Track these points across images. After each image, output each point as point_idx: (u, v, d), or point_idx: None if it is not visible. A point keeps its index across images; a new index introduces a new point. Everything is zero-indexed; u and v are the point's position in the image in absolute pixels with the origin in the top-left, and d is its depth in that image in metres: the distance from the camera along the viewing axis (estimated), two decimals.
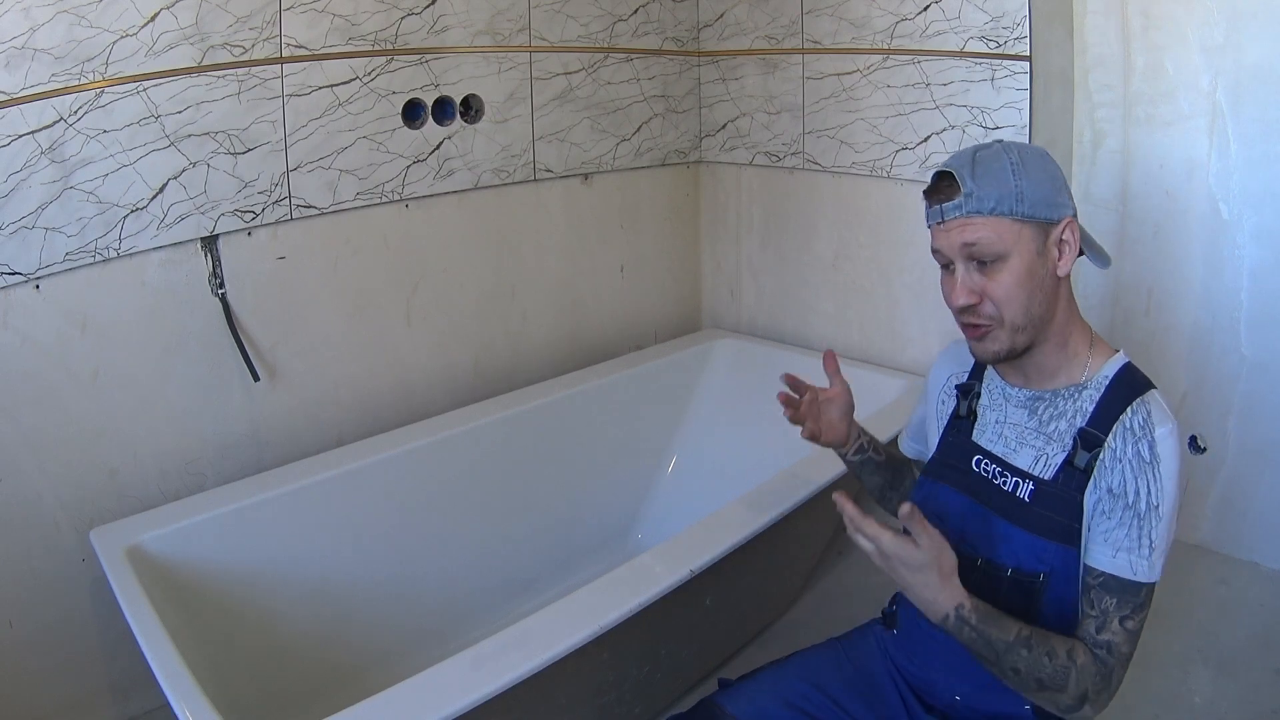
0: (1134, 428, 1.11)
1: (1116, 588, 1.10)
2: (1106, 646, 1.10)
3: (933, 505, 1.26)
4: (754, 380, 2.58)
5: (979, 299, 1.11)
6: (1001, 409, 1.24)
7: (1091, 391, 1.15)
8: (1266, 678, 1.88)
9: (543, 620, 1.37)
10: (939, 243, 1.14)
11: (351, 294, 2.10)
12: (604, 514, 2.42)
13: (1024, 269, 1.10)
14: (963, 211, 1.10)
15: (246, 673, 1.65)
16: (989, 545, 1.19)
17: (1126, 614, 1.10)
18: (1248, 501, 2.27)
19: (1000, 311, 1.11)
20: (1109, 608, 1.10)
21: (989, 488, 1.21)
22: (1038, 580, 1.14)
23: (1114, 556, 1.10)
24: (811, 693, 1.31)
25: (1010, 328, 1.12)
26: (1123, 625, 1.10)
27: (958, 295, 1.12)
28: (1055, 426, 1.17)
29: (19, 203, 1.60)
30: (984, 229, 1.09)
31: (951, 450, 1.28)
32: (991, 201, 1.09)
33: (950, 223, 1.11)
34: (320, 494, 1.84)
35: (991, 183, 1.10)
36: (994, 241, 1.09)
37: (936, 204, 1.13)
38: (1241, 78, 2.09)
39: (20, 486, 1.67)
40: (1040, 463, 1.17)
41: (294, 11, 1.87)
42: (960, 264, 1.12)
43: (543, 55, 2.36)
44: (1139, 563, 1.09)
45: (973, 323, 1.14)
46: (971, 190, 1.09)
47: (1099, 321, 2.40)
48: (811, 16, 2.47)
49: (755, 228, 2.78)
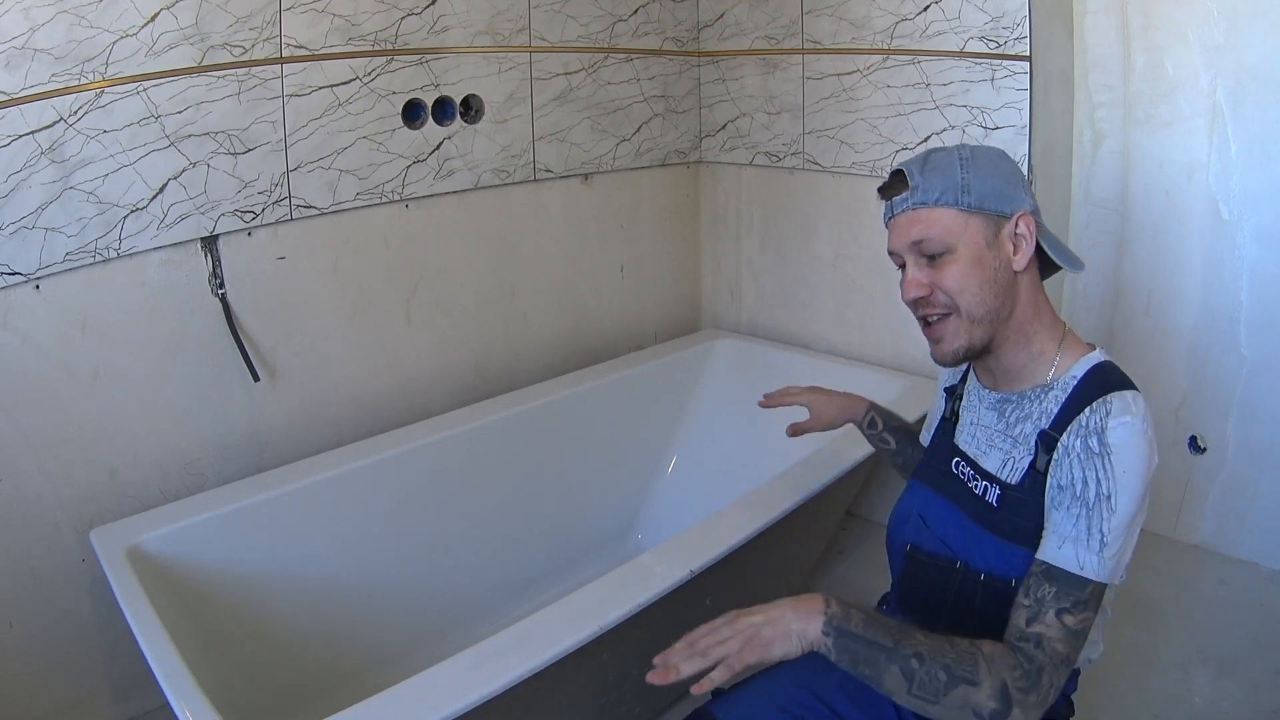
0: (1089, 425, 1.05)
1: (1059, 578, 1.01)
2: (1035, 640, 0.99)
3: (918, 506, 1.27)
4: (754, 380, 2.57)
5: (929, 290, 1.12)
6: (976, 410, 1.24)
7: (1057, 393, 1.12)
8: (1266, 678, 1.88)
9: (543, 620, 1.37)
10: (892, 241, 1.16)
11: (351, 294, 2.10)
12: (604, 514, 2.42)
13: (972, 259, 1.10)
14: (910, 204, 1.12)
15: (246, 673, 1.65)
16: (966, 549, 1.18)
17: (1065, 607, 1.00)
18: (1248, 502, 2.27)
19: (954, 300, 1.11)
20: (1045, 596, 1.01)
21: (963, 491, 1.20)
22: (1009, 586, 1.09)
23: (1060, 548, 1.02)
24: (805, 698, 1.31)
25: (967, 318, 1.11)
26: (1059, 619, 0.99)
27: (909, 289, 1.13)
28: (1021, 429, 1.14)
29: (19, 203, 1.60)
30: (931, 223, 1.11)
31: (935, 452, 1.29)
32: (936, 193, 1.11)
33: (900, 217, 1.14)
34: (320, 494, 1.84)
35: (937, 176, 1.11)
36: (940, 234, 1.11)
37: (887, 199, 1.16)
38: (1241, 78, 2.09)
39: (20, 486, 1.67)
40: (1007, 466, 1.15)
41: (294, 11, 1.87)
42: (910, 259, 1.14)
43: (543, 55, 2.36)
44: (1087, 556, 1.00)
45: (927, 316, 1.14)
46: (918, 184, 1.12)
47: (1099, 321, 2.40)
48: (811, 16, 2.47)
49: (755, 228, 2.78)
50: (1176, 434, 2.34)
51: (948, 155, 1.14)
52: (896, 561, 1.31)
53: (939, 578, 1.21)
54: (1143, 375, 2.35)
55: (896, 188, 1.14)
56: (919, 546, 1.25)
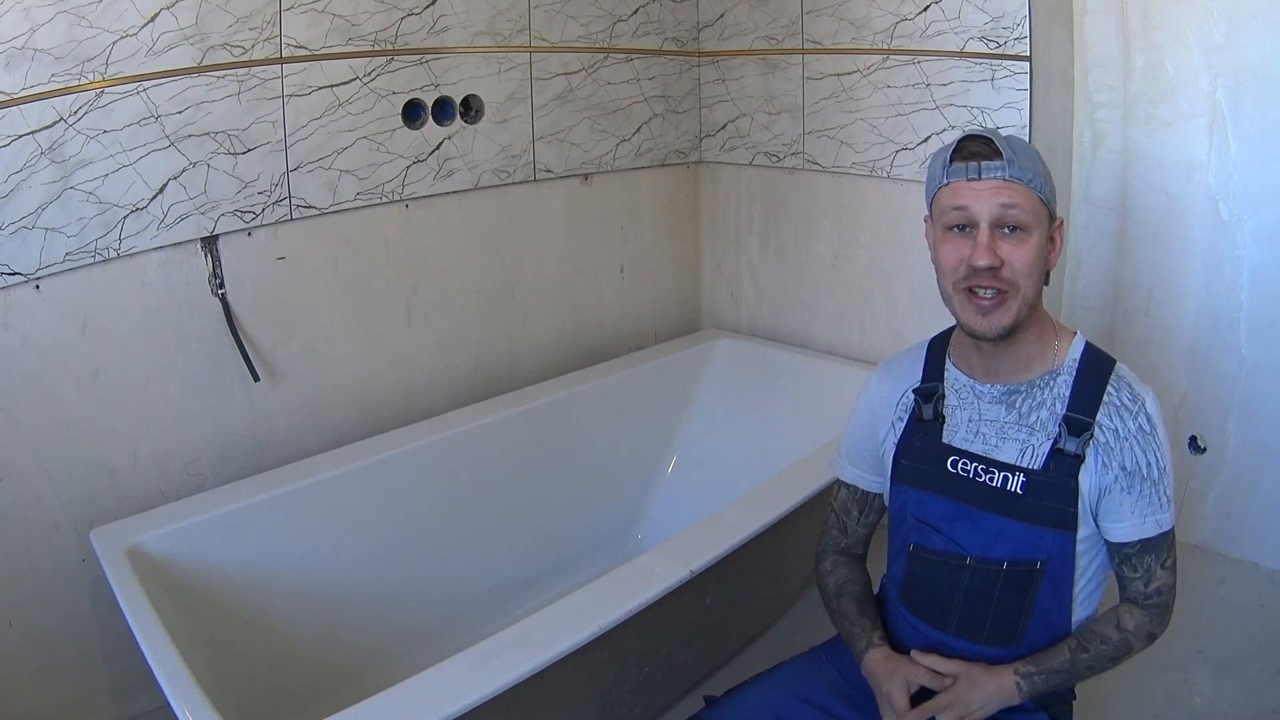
0: (1124, 403, 1.16)
1: (1152, 546, 1.17)
2: (1157, 592, 1.19)
3: (914, 510, 1.27)
4: (754, 380, 2.59)
5: (1001, 262, 1.11)
6: (974, 407, 1.23)
7: (1065, 376, 1.18)
8: (1266, 678, 1.87)
9: (543, 620, 1.38)
10: (966, 199, 1.12)
11: (351, 294, 2.10)
12: (604, 514, 2.42)
13: (1039, 245, 1.13)
14: (1005, 174, 1.11)
15: (246, 673, 1.65)
16: (978, 543, 1.20)
17: (1164, 559, 1.19)
18: (1248, 502, 2.27)
19: (1017, 280, 1.12)
20: (1151, 564, 1.18)
21: (972, 486, 1.20)
22: (1035, 568, 1.18)
23: (1143, 523, 1.16)
24: (799, 704, 1.30)
25: (1022, 300, 1.13)
26: (1164, 569, 1.19)
27: (980, 255, 1.11)
28: (1037, 416, 1.18)
29: (19, 203, 1.60)
30: (1023, 197, 1.11)
31: (920, 455, 1.26)
32: (1029, 174, 1.12)
33: (986, 181, 1.11)
34: (320, 494, 1.84)
35: (1026, 158, 1.13)
36: (1027, 211, 1.11)
37: (973, 161, 1.12)
38: (1241, 78, 2.09)
39: (20, 486, 1.67)
40: (1027, 454, 1.18)
41: (294, 12, 1.87)
42: (986, 225, 1.12)
43: (543, 55, 2.36)
44: (1163, 517, 1.16)
45: (986, 287, 1.12)
46: (1012, 158, 1.11)
47: (1098, 321, 2.40)
48: (811, 17, 2.47)
49: (755, 228, 2.78)
50: (1176, 434, 2.34)
51: (1022, 141, 1.16)
52: (898, 559, 1.31)
53: (949, 575, 1.23)
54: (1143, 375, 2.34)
55: (986, 152, 1.12)
56: (923, 546, 1.25)
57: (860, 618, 1.31)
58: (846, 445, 1.40)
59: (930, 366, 1.29)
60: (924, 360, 1.31)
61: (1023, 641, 1.22)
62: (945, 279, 1.17)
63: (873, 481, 1.38)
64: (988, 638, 1.23)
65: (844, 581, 1.37)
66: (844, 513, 1.42)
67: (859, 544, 1.44)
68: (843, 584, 1.37)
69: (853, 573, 1.39)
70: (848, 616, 1.33)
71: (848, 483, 1.41)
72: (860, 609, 1.32)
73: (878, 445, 1.34)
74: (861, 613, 1.32)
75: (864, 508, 1.40)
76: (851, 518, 1.41)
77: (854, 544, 1.43)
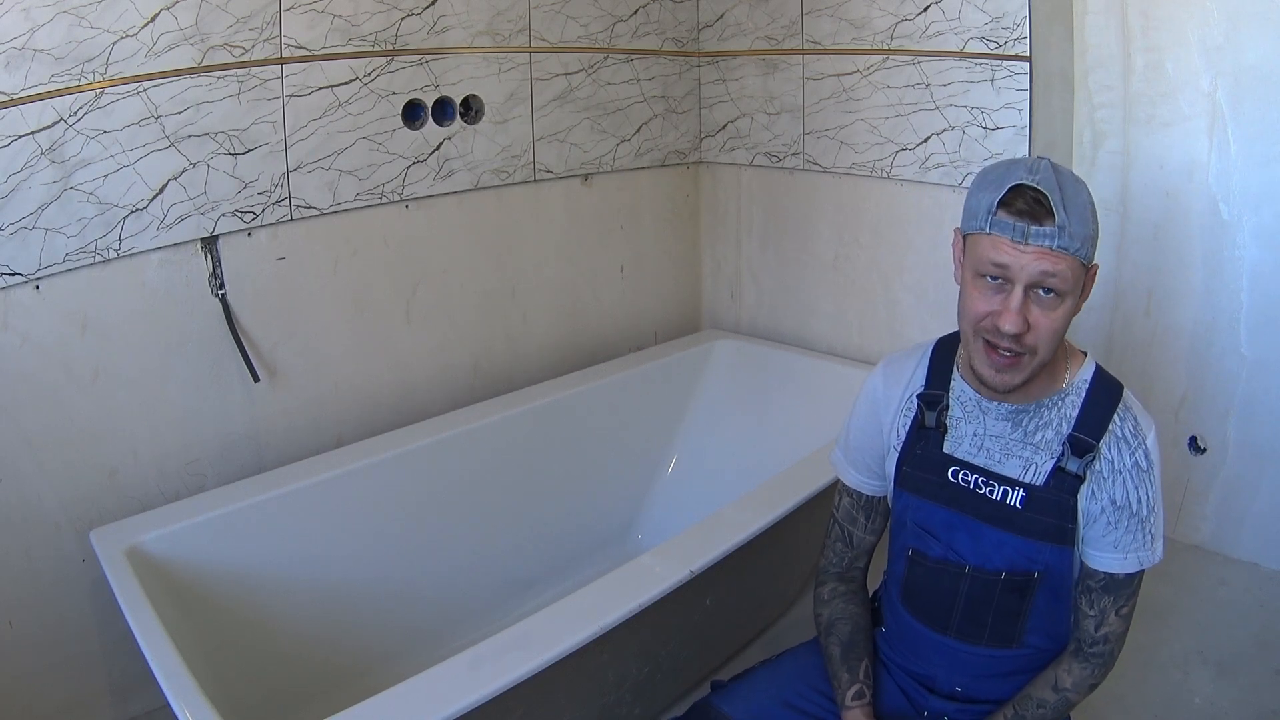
0: (1126, 436, 1.16)
1: (1119, 584, 1.17)
2: (1104, 639, 1.19)
3: (914, 516, 1.27)
4: (754, 380, 2.59)
5: (1027, 329, 1.07)
6: (979, 421, 1.23)
7: (1073, 398, 1.18)
8: (1266, 678, 1.88)
9: (543, 620, 1.38)
10: (1007, 259, 1.06)
11: (351, 294, 2.10)
12: (604, 514, 2.42)
13: (1071, 308, 1.09)
14: (1054, 244, 1.04)
15: (246, 673, 1.65)
16: (977, 553, 1.21)
17: (1122, 605, 1.19)
18: (1248, 502, 2.27)
19: (1039, 345, 1.09)
20: (1106, 606, 1.18)
21: (972, 498, 1.21)
22: (1032, 578, 1.19)
23: (1125, 558, 1.16)
24: (808, 691, 1.31)
25: (1039, 363, 1.11)
26: (1118, 615, 1.19)
27: (1009, 320, 1.06)
28: (1042, 436, 1.18)
29: (19, 203, 1.60)
30: (1065, 264, 1.05)
31: (922, 463, 1.26)
32: (1078, 243, 1.05)
33: (1032, 247, 1.05)
34: (320, 494, 1.84)
35: (1080, 222, 1.06)
36: (1067, 280, 1.06)
37: (1021, 222, 1.05)
38: (1241, 78, 2.09)
39: (20, 487, 1.67)
40: (1030, 471, 1.18)
41: (294, 12, 1.87)
42: (1021, 288, 1.07)
43: (543, 56, 2.36)
44: (1146, 556, 1.16)
45: (1005, 349, 1.10)
46: (1064, 224, 1.04)
47: (1099, 323, 2.40)
48: (811, 17, 2.47)
49: (755, 228, 2.78)
50: (1176, 434, 2.34)
51: (1078, 192, 1.07)
52: (898, 560, 1.32)
53: (948, 582, 1.24)
54: (1143, 375, 2.37)
55: (1038, 214, 1.05)
56: (922, 552, 1.26)
57: (840, 667, 1.29)
58: (847, 446, 1.38)
59: (936, 373, 1.27)
60: (929, 364, 1.28)
61: (1023, 642, 1.23)
62: (966, 321, 1.13)
63: (876, 486, 1.36)
64: (988, 639, 1.24)
65: (835, 619, 1.35)
66: (849, 521, 1.39)
67: (864, 554, 1.41)
68: (833, 622, 1.35)
69: (847, 608, 1.35)
70: (831, 659, 1.32)
71: (850, 489, 1.39)
72: (843, 654, 1.30)
73: (880, 445, 1.32)
74: (844, 659, 1.30)
75: (870, 512, 1.38)
76: (858, 525, 1.39)
77: (858, 556, 1.41)
